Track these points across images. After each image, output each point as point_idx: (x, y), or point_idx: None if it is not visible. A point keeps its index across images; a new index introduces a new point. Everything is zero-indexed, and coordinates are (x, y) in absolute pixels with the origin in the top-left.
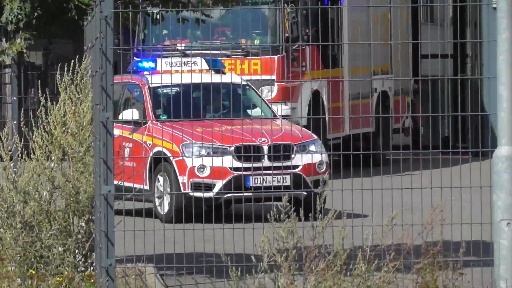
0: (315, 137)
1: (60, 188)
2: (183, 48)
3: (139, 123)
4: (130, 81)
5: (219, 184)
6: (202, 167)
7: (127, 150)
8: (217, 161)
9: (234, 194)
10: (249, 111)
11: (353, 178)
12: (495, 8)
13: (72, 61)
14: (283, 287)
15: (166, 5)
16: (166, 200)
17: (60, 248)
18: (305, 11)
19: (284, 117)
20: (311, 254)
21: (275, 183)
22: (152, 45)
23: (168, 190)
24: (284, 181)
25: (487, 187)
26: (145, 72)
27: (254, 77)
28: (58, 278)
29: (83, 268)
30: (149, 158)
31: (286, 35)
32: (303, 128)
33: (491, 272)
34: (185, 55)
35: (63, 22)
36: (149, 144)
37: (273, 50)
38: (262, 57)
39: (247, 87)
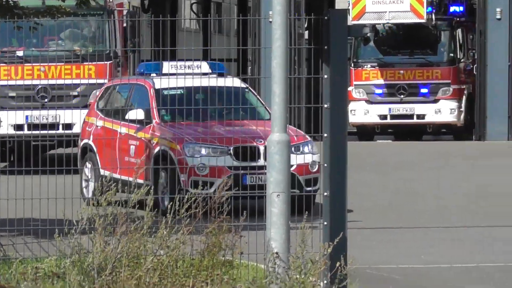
0: (309, 138)
1: None
2: (21, 54)
3: (144, 122)
4: (137, 82)
5: (217, 182)
6: (202, 166)
7: (132, 147)
8: (216, 161)
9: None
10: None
11: None
12: (271, 22)
13: None
14: (98, 245)
15: (4, 16)
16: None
17: None
18: (131, 22)
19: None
20: (121, 219)
21: None
22: None
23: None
24: None
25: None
26: (151, 75)
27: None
28: None
29: None
30: (153, 156)
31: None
32: (297, 130)
33: (264, 234)
34: (26, 61)
35: None
36: (153, 143)
37: (106, 56)
38: (96, 63)
39: (246, 90)
